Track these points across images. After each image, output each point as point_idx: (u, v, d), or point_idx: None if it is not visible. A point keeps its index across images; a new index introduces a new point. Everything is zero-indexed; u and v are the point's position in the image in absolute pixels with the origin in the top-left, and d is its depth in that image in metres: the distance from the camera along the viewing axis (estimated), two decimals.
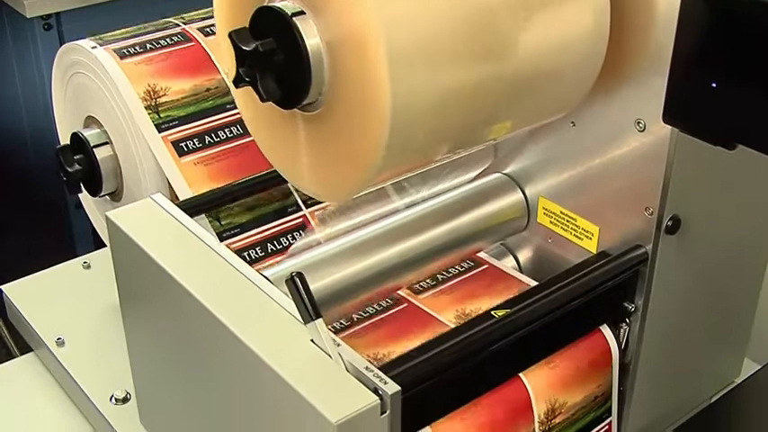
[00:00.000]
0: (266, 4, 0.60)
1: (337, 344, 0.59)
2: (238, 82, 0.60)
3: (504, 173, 0.83)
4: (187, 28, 0.93)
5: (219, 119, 0.89)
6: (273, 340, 0.60)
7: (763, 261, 0.87)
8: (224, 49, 0.66)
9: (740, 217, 0.80)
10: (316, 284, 0.72)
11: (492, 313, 0.67)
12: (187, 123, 0.87)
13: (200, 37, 0.92)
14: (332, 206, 0.84)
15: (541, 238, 0.82)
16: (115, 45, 0.89)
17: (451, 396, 0.66)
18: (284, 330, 0.61)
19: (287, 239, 0.86)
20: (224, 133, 0.89)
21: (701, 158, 0.70)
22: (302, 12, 0.58)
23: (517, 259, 0.85)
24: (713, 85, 0.55)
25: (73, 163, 0.90)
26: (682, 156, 0.69)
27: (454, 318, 0.76)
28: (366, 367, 0.57)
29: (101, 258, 1.04)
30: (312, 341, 0.60)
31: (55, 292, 1.00)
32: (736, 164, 0.74)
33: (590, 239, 0.77)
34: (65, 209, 1.79)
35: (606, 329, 0.74)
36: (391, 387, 0.56)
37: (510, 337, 0.67)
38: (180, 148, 0.86)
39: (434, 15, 0.57)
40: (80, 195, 0.99)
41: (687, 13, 0.56)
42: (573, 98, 0.69)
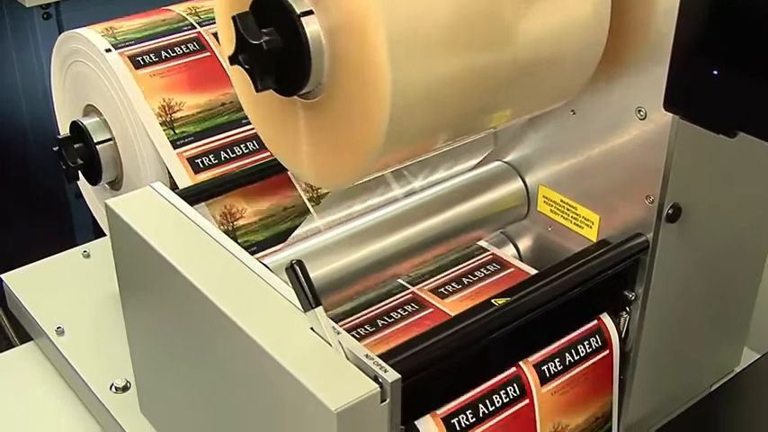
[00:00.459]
0: None
1: (337, 332, 0.59)
2: (234, 62, 0.60)
3: (504, 161, 0.83)
4: (203, 32, 0.91)
5: (235, 134, 0.88)
6: (273, 328, 0.60)
7: (763, 250, 0.86)
8: (221, 27, 0.66)
9: (741, 206, 0.80)
10: (315, 273, 0.72)
11: (492, 301, 0.67)
12: (202, 139, 0.86)
13: (214, 45, 0.90)
14: (332, 194, 0.84)
15: (541, 227, 0.82)
16: (129, 50, 0.87)
17: (451, 384, 0.66)
18: (284, 318, 0.61)
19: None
20: (239, 149, 0.87)
21: (702, 147, 0.70)
22: None
23: (517, 248, 0.85)
24: (714, 73, 0.55)
25: (74, 156, 0.89)
26: (682, 144, 0.69)
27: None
28: (366, 355, 0.57)
29: (100, 247, 1.04)
30: (312, 329, 0.59)
31: (55, 282, 1.00)
32: (737, 153, 0.74)
33: (590, 228, 0.77)
34: (64, 199, 1.78)
35: (606, 318, 0.74)
36: (391, 375, 0.56)
37: (510, 326, 0.67)
38: (196, 165, 0.85)
39: (435, 1, 0.57)
40: (80, 184, 0.99)
41: (688, 1, 0.55)
42: (573, 86, 0.69)
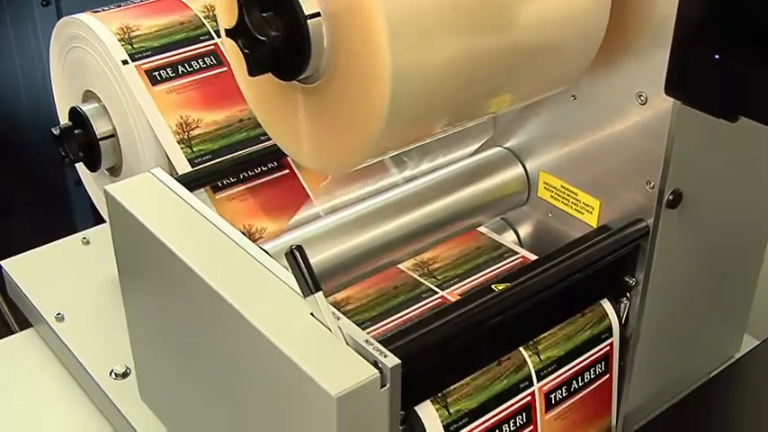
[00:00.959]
0: None
1: (337, 317, 0.59)
2: (230, 36, 0.59)
3: (504, 147, 0.83)
4: (220, 44, 0.89)
5: (253, 151, 0.85)
6: (273, 314, 0.60)
7: (763, 237, 0.86)
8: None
9: (742, 192, 0.80)
10: (315, 258, 0.72)
11: (492, 287, 0.67)
12: (220, 155, 0.85)
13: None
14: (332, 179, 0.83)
15: (542, 213, 0.82)
16: (146, 63, 0.86)
17: (452, 370, 0.66)
18: (284, 304, 0.61)
19: None
20: (259, 168, 0.86)
21: (703, 132, 0.70)
22: None
23: (517, 234, 0.85)
24: (715, 57, 0.55)
25: (75, 147, 0.89)
26: (683, 129, 0.68)
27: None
28: (366, 340, 0.57)
29: (100, 234, 1.04)
30: (312, 314, 0.59)
31: (54, 268, 1.00)
32: (737, 138, 0.74)
33: (591, 214, 0.77)
34: (64, 186, 1.78)
35: (607, 304, 0.74)
36: (391, 360, 0.56)
37: (510, 311, 0.66)
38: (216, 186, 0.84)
39: None
40: (79, 171, 0.99)
41: None
42: (574, 71, 0.69)
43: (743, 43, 0.53)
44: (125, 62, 0.86)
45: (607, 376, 0.76)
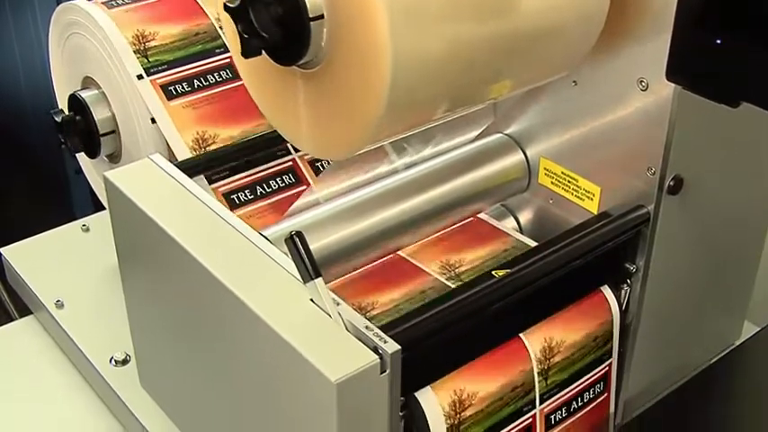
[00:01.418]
0: None
1: (337, 303, 0.59)
2: (232, 16, 0.59)
3: (504, 133, 0.83)
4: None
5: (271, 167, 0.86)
6: (273, 300, 0.60)
7: (764, 223, 0.86)
8: None
9: (742, 178, 0.80)
10: (315, 244, 0.72)
11: (492, 273, 0.67)
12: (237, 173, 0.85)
13: None
14: (332, 166, 0.83)
15: (542, 199, 0.82)
16: (161, 78, 0.85)
17: (452, 356, 0.66)
18: (284, 290, 0.61)
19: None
20: (275, 183, 0.86)
21: (704, 118, 0.70)
22: None
23: (518, 220, 0.85)
24: (717, 42, 0.54)
25: (74, 133, 0.89)
26: (684, 115, 0.68)
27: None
28: (366, 326, 0.57)
29: (99, 221, 1.04)
30: (312, 300, 0.59)
31: (54, 255, 1.00)
32: (738, 124, 0.74)
33: (591, 200, 0.76)
34: (64, 174, 1.78)
35: (607, 290, 0.74)
36: (391, 346, 0.56)
37: (510, 298, 0.66)
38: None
39: None
40: (79, 158, 0.99)
41: None
42: (575, 56, 0.69)
43: (744, 28, 0.53)
44: (140, 77, 0.84)
45: (605, 395, 0.76)
